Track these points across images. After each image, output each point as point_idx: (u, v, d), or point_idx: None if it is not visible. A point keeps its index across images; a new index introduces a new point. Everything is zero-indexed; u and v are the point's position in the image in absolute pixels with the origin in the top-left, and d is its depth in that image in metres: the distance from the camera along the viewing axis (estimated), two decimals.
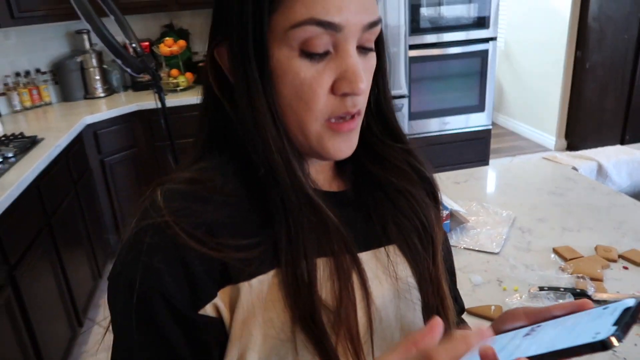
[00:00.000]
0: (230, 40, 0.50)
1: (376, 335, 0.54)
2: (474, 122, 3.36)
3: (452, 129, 3.34)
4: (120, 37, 1.99)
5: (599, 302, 0.98)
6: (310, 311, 0.49)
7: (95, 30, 1.81)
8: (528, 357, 0.39)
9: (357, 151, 0.58)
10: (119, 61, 1.91)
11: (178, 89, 2.91)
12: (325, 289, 0.51)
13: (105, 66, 3.01)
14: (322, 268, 0.51)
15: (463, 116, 3.33)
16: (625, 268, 1.09)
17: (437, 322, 0.40)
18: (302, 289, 0.49)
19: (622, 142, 3.40)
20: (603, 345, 0.35)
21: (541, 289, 1.01)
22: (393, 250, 0.58)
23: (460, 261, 1.13)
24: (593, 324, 0.39)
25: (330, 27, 0.47)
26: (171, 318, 0.47)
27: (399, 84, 3.03)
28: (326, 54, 0.49)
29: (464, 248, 1.19)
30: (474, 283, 1.06)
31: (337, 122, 0.51)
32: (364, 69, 0.51)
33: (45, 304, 1.88)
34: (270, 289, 0.50)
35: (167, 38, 2.94)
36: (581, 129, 3.95)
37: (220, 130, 0.56)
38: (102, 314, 2.40)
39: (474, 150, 3.40)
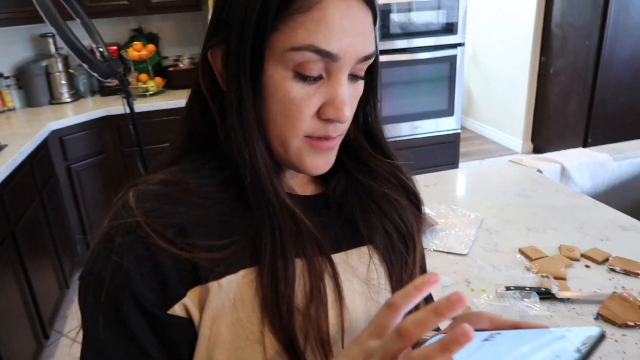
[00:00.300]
0: (228, 47, 0.50)
1: (346, 336, 0.55)
2: (443, 126, 3.42)
3: (423, 133, 3.39)
4: (87, 42, 1.95)
5: (563, 301, 1.01)
6: (281, 312, 0.49)
7: (60, 34, 1.77)
8: None
9: (347, 162, 0.61)
10: (85, 66, 1.87)
11: (147, 94, 2.87)
12: (297, 290, 0.51)
13: (71, 70, 2.94)
14: (298, 268, 0.52)
15: (433, 120, 3.38)
16: (587, 267, 1.13)
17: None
18: (280, 289, 0.49)
19: (585, 145, 3.52)
20: None
21: (508, 288, 1.03)
22: (371, 250, 0.60)
23: (429, 263, 1.14)
24: (554, 346, 0.39)
25: (328, 56, 0.48)
26: (140, 317, 0.48)
27: None
28: (319, 78, 0.50)
29: (434, 250, 1.21)
30: (442, 284, 1.08)
31: (317, 140, 0.53)
32: (351, 95, 0.53)
33: (9, 315, 1.82)
34: (240, 289, 0.50)
35: (135, 42, 2.89)
36: (546, 132, 4.07)
37: (200, 133, 0.57)
38: (69, 325, 2.33)
39: (443, 153, 3.45)
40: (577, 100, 3.65)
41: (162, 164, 0.57)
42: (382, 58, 3.10)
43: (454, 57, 3.25)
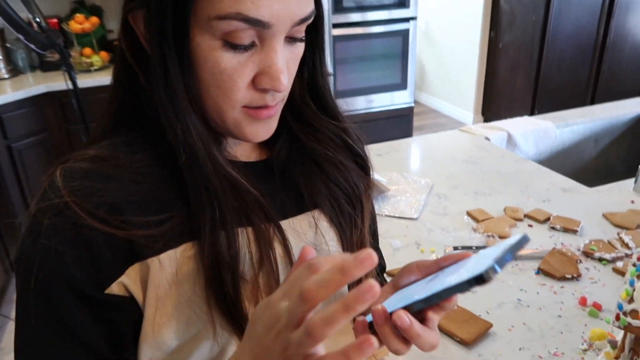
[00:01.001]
0: (148, 10, 0.46)
1: None
2: (397, 99, 3.45)
3: (377, 107, 3.42)
4: (24, 14, 1.83)
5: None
6: (226, 284, 0.49)
7: None
8: (412, 302, 0.40)
9: (292, 123, 0.59)
10: (21, 37, 1.76)
11: (92, 68, 2.74)
12: (243, 260, 0.50)
13: (8, 45, 2.76)
14: (240, 239, 0.51)
15: (387, 94, 3.41)
16: (530, 226, 1.18)
17: (307, 251, 0.41)
18: (222, 263, 0.48)
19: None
20: (480, 279, 0.35)
21: (455, 248, 1.07)
22: (318, 215, 0.59)
23: (381, 228, 1.16)
24: (478, 265, 0.40)
25: (258, 24, 0.44)
26: (75, 300, 0.46)
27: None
28: (251, 45, 0.47)
29: (385, 215, 1.23)
30: (394, 247, 1.10)
31: (255, 109, 0.50)
32: (290, 59, 0.50)
33: None
34: (182, 264, 0.49)
35: (77, 15, 2.75)
36: (495, 105, 4.19)
37: (131, 105, 0.53)
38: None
39: (398, 127, 3.50)
40: (524, 74, 3.76)
41: (94, 139, 0.54)
42: (336, 32, 3.08)
43: (407, 31, 3.27)
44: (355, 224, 0.62)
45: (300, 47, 0.52)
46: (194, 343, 0.50)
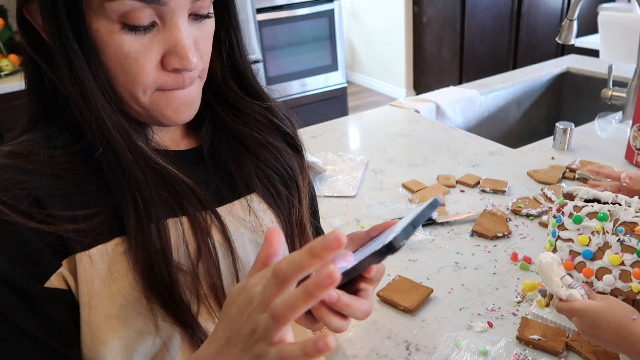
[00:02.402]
0: (41, 2, 0.43)
1: None
2: (330, 81, 3.46)
3: (312, 90, 3.42)
4: None
5: (442, 224, 1.09)
6: (161, 277, 0.47)
7: None
8: None
9: (215, 107, 0.58)
10: None
11: (2, 74, 2.55)
12: (179, 250, 0.49)
13: None
14: (175, 229, 0.49)
15: (320, 76, 3.41)
16: (462, 191, 1.23)
17: (273, 232, 0.41)
18: (153, 256, 0.47)
19: None
20: (390, 247, 0.35)
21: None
22: (253, 198, 0.58)
23: (320, 208, 1.15)
24: (390, 234, 0.40)
25: (152, 1, 0.43)
26: (11, 296, 0.44)
27: (252, 49, 2.99)
28: (152, 25, 0.45)
29: (324, 196, 1.24)
30: (334, 226, 1.11)
31: (171, 90, 0.49)
32: (199, 37, 0.49)
33: None
34: (114, 259, 0.47)
35: None
36: (425, 79, 4.30)
37: (47, 101, 0.50)
38: None
39: (334, 109, 3.51)
40: (449, 46, 3.87)
41: (12, 138, 0.51)
42: (261, 17, 3.03)
43: (332, 11, 3.27)
44: (293, 204, 0.61)
45: (209, 24, 0.50)
46: (136, 339, 0.48)
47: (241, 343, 0.37)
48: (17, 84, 2.41)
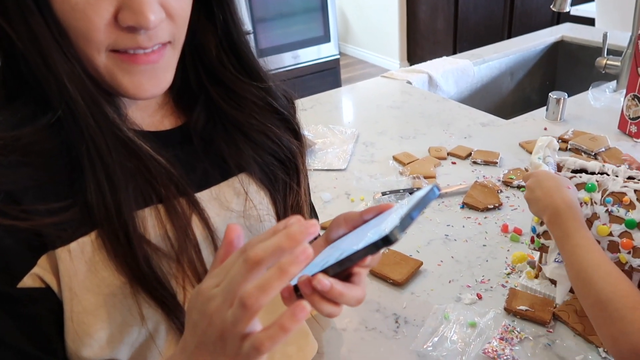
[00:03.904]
0: None
1: None
2: (323, 52, 3.41)
3: (304, 62, 3.36)
4: None
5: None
6: (146, 267, 0.45)
7: None
8: (328, 267, 0.38)
9: (209, 89, 0.54)
10: None
11: None
12: (159, 237, 0.47)
13: None
14: (153, 217, 0.47)
15: (312, 48, 3.35)
16: (454, 163, 1.21)
17: (233, 230, 0.40)
18: (125, 247, 0.45)
19: None
20: (386, 240, 0.34)
21: (384, 194, 1.08)
22: (244, 178, 0.56)
23: (311, 182, 1.13)
24: (386, 222, 0.38)
25: None
26: None
27: (242, 20, 2.93)
28: None
29: (314, 170, 1.22)
30: (324, 200, 1.10)
31: (131, 55, 0.44)
32: None
33: None
34: (97, 251, 0.45)
35: None
36: (420, 50, 4.24)
37: (9, 70, 0.46)
38: None
39: (326, 81, 3.47)
40: (444, 15, 3.80)
41: None
42: None
43: None
44: (291, 187, 0.60)
45: None
46: (122, 330, 0.47)
47: (211, 346, 0.36)
48: None
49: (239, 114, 0.56)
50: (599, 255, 0.59)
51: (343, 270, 0.40)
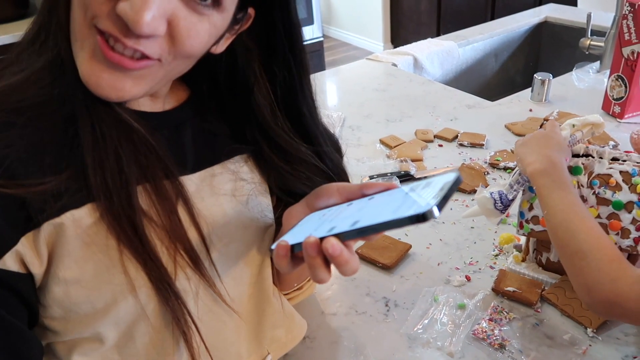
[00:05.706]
0: None
1: (217, 253, 0.52)
2: (306, 35, 3.36)
3: None
4: None
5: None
6: (136, 247, 0.45)
7: None
8: (345, 231, 0.39)
9: (260, 140, 0.55)
10: None
11: None
12: (151, 214, 0.47)
13: None
14: (146, 195, 0.47)
15: None
16: (440, 146, 1.21)
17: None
18: (123, 221, 0.44)
19: None
20: (423, 217, 0.35)
21: (371, 177, 1.07)
22: (241, 160, 0.56)
23: None
24: (409, 201, 0.39)
25: None
26: None
27: None
28: None
29: None
30: None
31: (109, 48, 0.41)
32: (182, 17, 0.42)
33: None
34: (90, 224, 0.44)
35: None
36: (404, 32, 4.21)
37: (45, 27, 0.46)
38: None
39: (310, 63, 3.43)
40: None
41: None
42: None
43: None
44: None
45: (214, 19, 0.44)
46: (113, 304, 0.47)
47: None
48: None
49: (283, 165, 0.56)
50: (584, 210, 0.61)
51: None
